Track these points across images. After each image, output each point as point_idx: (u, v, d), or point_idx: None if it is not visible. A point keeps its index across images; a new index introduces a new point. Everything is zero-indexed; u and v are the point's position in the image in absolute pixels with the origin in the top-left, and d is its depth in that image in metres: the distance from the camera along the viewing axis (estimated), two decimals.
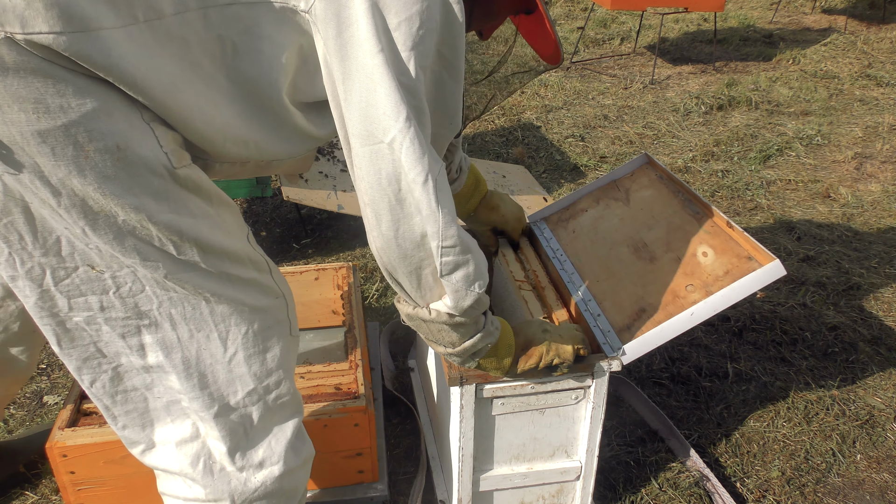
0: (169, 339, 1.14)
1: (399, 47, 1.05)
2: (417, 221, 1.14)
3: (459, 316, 1.26)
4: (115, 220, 1.01)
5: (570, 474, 1.68)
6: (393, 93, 1.04)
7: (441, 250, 1.17)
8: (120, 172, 0.98)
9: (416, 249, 1.17)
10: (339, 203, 2.83)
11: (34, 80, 0.90)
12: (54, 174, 0.95)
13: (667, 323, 1.55)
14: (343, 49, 1.04)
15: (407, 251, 1.18)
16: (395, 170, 1.09)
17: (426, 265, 1.20)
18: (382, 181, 1.10)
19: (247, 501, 1.26)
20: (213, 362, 1.17)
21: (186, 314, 1.12)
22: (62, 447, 1.56)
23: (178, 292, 1.11)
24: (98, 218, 1.00)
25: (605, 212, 1.95)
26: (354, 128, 1.08)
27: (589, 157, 3.92)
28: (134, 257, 1.04)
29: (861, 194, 3.54)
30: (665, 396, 2.26)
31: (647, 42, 5.97)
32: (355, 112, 1.06)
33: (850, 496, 1.95)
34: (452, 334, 1.31)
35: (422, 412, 2.08)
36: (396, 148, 1.07)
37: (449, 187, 1.17)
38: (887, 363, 2.41)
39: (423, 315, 1.28)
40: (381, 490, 1.75)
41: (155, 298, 1.10)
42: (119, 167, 0.98)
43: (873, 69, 5.23)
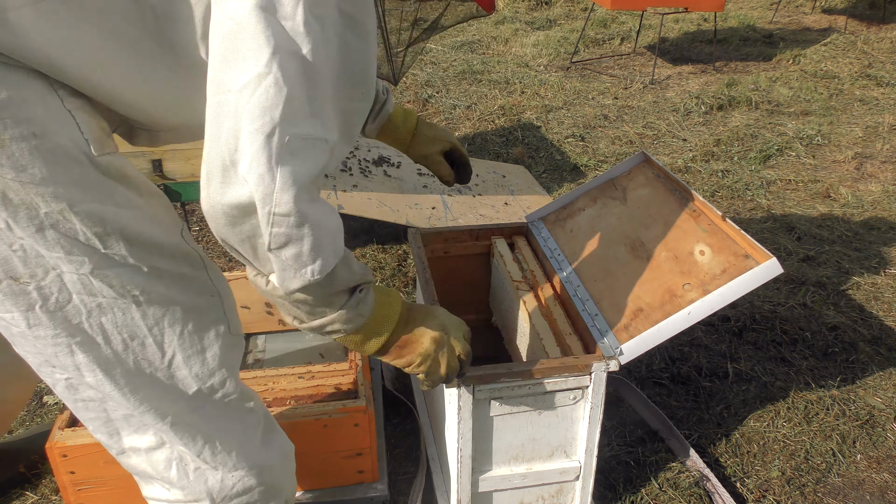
0: (104, 357, 1.08)
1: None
2: (250, 192, 0.97)
3: (296, 293, 1.08)
4: (38, 213, 0.97)
5: (570, 474, 1.68)
6: (258, 35, 0.92)
7: (272, 218, 0.98)
8: (37, 161, 0.95)
9: (244, 216, 0.99)
10: (339, 203, 2.84)
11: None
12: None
13: (664, 322, 1.55)
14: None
15: (235, 217, 0.99)
16: (236, 121, 0.94)
17: (257, 234, 1.01)
18: (222, 135, 0.95)
19: (227, 499, 1.24)
20: (153, 371, 1.12)
21: (118, 321, 1.07)
22: (62, 447, 1.56)
23: (107, 296, 1.05)
24: (19, 210, 0.96)
25: (603, 211, 1.95)
26: (211, 73, 0.97)
27: (589, 157, 3.92)
28: (58, 251, 1.00)
29: (861, 194, 3.54)
30: (665, 396, 2.26)
31: (647, 42, 5.98)
32: (216, 59, 0.95)
33: (850, 496, 1.95)
34: (295, 310, 1.14)
35: (422, 412, 2.08)
36: (246, 95, 0.93)
37: (313, 156, 0.99)
38: (887, 363, 2.41)
39: (261, 284, 1.11)
40: (381, 490, 1.75)
41: (83, 308, 1.04)
42: (36, 155, 0.95)
43: (873, 69, 5.23)
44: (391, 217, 2.88)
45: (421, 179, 3.31)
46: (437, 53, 5.58)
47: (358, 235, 3.14)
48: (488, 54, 5.68)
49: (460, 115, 4.47)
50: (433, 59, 5.48)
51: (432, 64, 5.38)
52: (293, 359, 2.14)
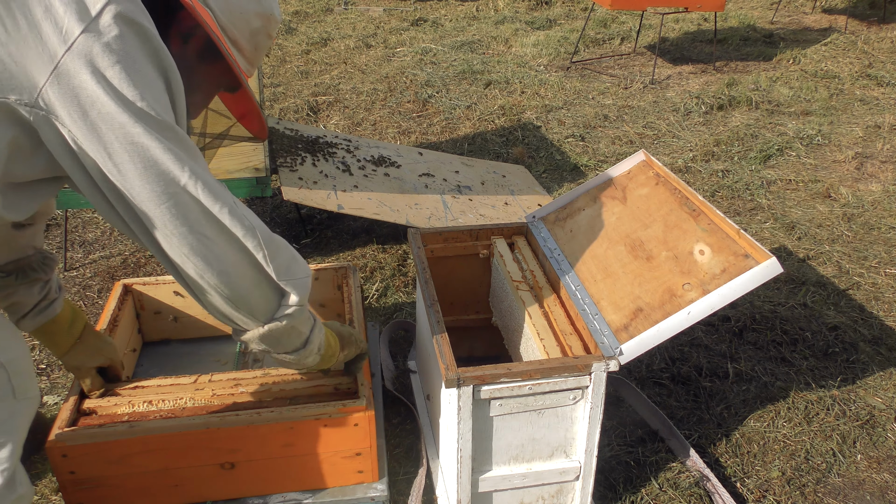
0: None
1: (149, 112, 1.08)
2: (240, 245, 1.21)
3: (305, 305, 1.33)
4: None
5: (570, 474, 1.68)
6: (165, 150, 1.10)
7: (269, 257, 1.25)
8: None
9: (247, 268, 1.24)
10: (339, 203, 2.84)
11: None
12: None
13: (664, 322, 1.55)
14: (96, 129, 1.06)
15: (242, 273, 1.23)
16: (200, 209, 1.15)
17: (263, 277, 1.26)
18: (194, 225, 1.16)
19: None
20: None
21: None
22: (62, 447, 1.56)
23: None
24: None
25: (603, 211, 1.95)
26: (142, 194, 1.11)
27: (589, 157, 3.92)
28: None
29: (861, 194, 3.54)
30: (665, 396, 2.26)
31: (647, 42, 5.97)
32: (137, 180, 1.10)
33: (851, 496, 1.95)
34: (302, 330, 1.39)
35: (421, 412, 2.08)
36: (192, 191, 1.13)
37: (244, 205, 1.24)
38: (887, 363, 2.41)
39: (276, 326, 1.32)
40: (381, 490, 1.75)
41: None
42: None
43: (874, 69, 5.22)
44: (391, 217, 2.88)
45: (421, 180, 3.32)
46: (437, 53, 5.58)
47: (358, 235, 3.14)
48: (488, 54, 5.67)
49: (460, 115, 4.47)
50: (433, 59, 5.48)
51: (432, 64, 5.38)
52: None
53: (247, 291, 1.26)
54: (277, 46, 5.75)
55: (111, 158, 1.08)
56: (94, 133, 1.06)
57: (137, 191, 1.11)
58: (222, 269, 1.21)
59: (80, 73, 1.03)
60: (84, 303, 2.70)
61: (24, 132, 1.09)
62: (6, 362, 1.24)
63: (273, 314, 1.31)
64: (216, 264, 1.20)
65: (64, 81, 1.03)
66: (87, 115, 1.05)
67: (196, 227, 1.16)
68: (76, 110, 1.05)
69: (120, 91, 1.05)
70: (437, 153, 3.70)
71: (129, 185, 1.11)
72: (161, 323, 2.17)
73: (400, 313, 2.63)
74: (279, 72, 5.21)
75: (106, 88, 1.05)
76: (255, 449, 1.64)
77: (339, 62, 5.44)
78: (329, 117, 4.47)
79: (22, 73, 1.03)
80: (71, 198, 2.65)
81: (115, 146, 1.07)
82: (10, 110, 1.05)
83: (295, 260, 1.31)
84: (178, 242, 1.17)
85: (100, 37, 1.04)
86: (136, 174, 1.10)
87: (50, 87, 1.03)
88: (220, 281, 1.22)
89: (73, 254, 3.02)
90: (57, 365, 2.37)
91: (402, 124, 4.35)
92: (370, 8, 6.85)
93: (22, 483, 1.32)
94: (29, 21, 1.02)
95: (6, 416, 1.26)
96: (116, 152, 1.08)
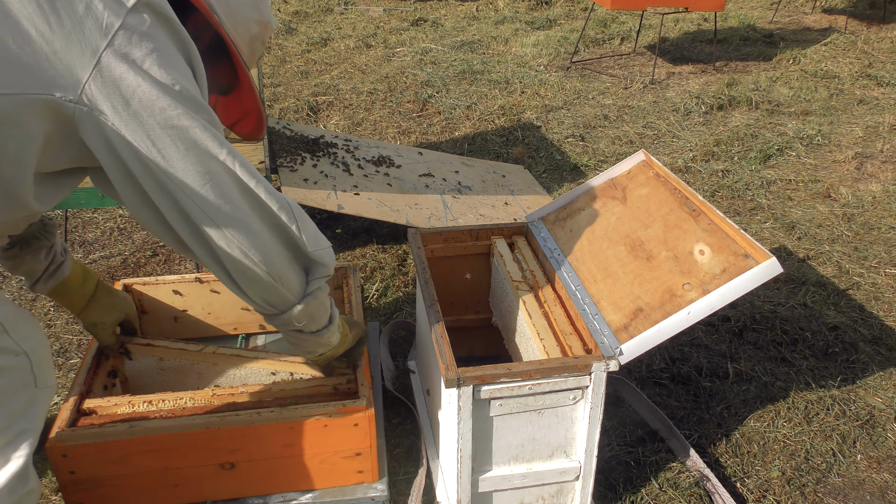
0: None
1: (186, 95, 1.13)
2: (275, 220, 1.26)
3: (330, 275, 1.39)
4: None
5: (570, 474, 1.68)
6: (204, 129, 1.15)
7: (301, 228, 1.30)
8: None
9: (283, 246, 1.29)
10: (339, 203, 2.84)
11: None
12: None
13: (664, 322, 1.55)
14: (138, 117, 1.10)
15: (279, 251, 1.28)
16: (239, 186, 1.21)
17: (293, 255, 1.32)
18: (236, 202, 1.20)
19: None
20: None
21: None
22: (62, 447, 1.56)
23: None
24: None
25: (603, 210, 1.95)
26: (186, 175, 1.15)
27: (589, 157, 3.92)
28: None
29: (861, 194, 3.54)
30: (665, 396, 2.26)
31: (647, 42, 5.98)
32: (180, 162, 1.14)
33: (851, 496, 1.95)
34: (327, 304, 1.45)
35: (421, 412, 2.08)
36: (231, 167, 1.19)
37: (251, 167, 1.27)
38: (887, 363, 2.41)
39: (311, 301, 1.37)
40: (381, 490, 1.75)
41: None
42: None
43: (874, 69, 5.23)
44: (391, 217, 2.88)
45: (421, 180, 3.32)
46: (437, 53, 5.58)
47: (358, 235, 3.14)
48: (488, 54, 5.67)
49: (460, 115, 4.47)
50: (433, 59, 5.48)
51: (432, 64, 5.38)
52: None
53: (283, 268, 1.30)
54: (277, 46, 5.75)
55: (155, 145, 1.12)
56: (137, 121, 1.10)
57: (181, 172, 1.15)
58: (263, 245, 1.25)
59: (120, 64, 1.07)
60: None
61: (59, 127, 1.11)
62: (29, 351, 1.28)
63: (304, 290, 1.36)
64: (258, 241, 1.24)
65: (106, 75, 1.07)
66: (129, 104, 1.09)
67: (238, 205, 1.21)
68: (119, 101, 1.08)
69: (157, 78, 1.10)
70: (437, 153, 3.70)
71: (173, 167, 1.14)
72: (161, 323, 2.17)
73: (400, 313, 2.63)
74: (279, 72, 5.21)
75: (144, 77, 1.09)
76: (255, 449, 1.64)
77: (339, 62, 5.44)
78: (329, 117, 4.47)
79: (66, 69, 1.06)
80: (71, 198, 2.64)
81: (157, 131, 1.11)
82: (55, 107, 1.07)
83: (318, 231, 1.37)
84: (222, 222, 1.20)
85: (135, 28, 1.08)
86: (180, 156, 1.14)
87: (93, 82, 1.07)
88: (263, 257, 1.25)
89: (73, 254, 3.02)
90: (57, 365, 2.37)
91: (402, 124, 4.35)
92: (370, 8, 6.85)
93: (34, 478, 1.34)
94: (72, 18, 1.05)
95: (28, 404, 1.28)
96: (159, 137, 1.12)
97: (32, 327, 1.31)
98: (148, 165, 1.14)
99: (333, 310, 1.50)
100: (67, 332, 2.54)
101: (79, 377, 1.74)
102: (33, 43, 1.04)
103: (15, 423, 1.26)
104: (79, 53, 1.05)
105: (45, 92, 1.05)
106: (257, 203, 1.24)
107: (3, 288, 2.79)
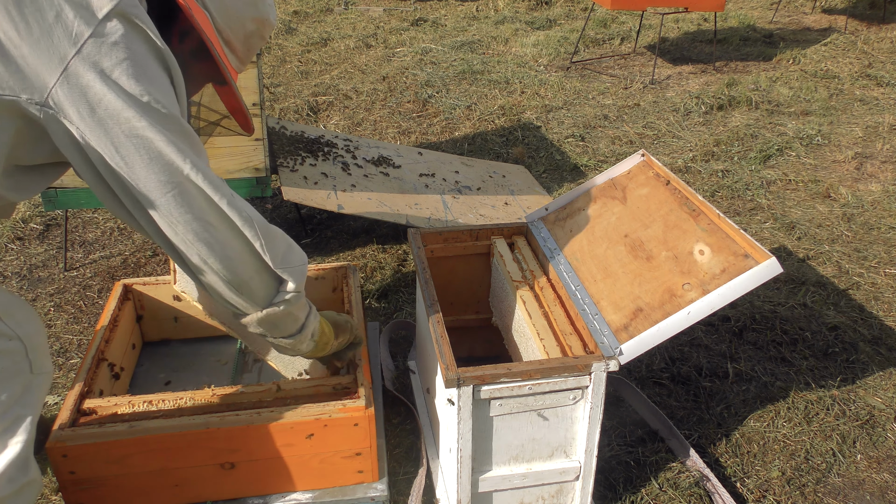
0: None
1: (153, 106, 1.14)
2: (238, 232, 1.28)
3: (302, 291, 1.41)
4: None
5: (570, 474, 1.68)
6: (168, 143, 1.15)
7: (266, 246, 1.31)
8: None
9: (248, 256, 1.30)
10: (339, 203, 2.84)
11: None
12: None
13: (664, 322, 1.55)
14: (103, 125, 1.12)
15: (243, 260, 1.30)
16: (203, 197, 1.22)
17: (259, 266, 1.33)
18: (197, 213, 1.22)
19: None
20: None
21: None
22: (62, 447, 1.56)
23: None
24: None
25: (603, 211, 1.95)
26: (148, 184, 1.17)
27: (589, 157, 3.92)
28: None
29: (861, 194, 3.54)
30: (665, 396, 2.26)
31: (647, 42, 5.98)
32: (143, 171, 1.16)
33: (851, 496, 1.95)
34: (298, 315, 1.46)
35: (421, 412, 2.08)
36: (194, 180, 1.20)
37: (243, 200, 1.31)
38: (887, 363, 2.41)
39: (274, 311, 1.38)
40: (381, 490, 1.75)
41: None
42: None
43: (873, 69, 5.23)
44: (391, 217, 2.88)
45: (421, 180, 3.32)
46: (437, 53, 5.58)
47: (358, 235, 3.14)
48: (488, 54, 5.67)
49: (460, 115, 4.47)
50: (433, 59, 5.48)
51: (432, 64, 5.38)
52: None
53: (248, 277, 1.32)
54: (277, 46, 5.75)
55: (118, 151, 1.14)
56: (102, 128, 1.12)
57: (143, 181, 1.17)
58: (225, 254, 1.27)
59: (88, 73, 1.09)
60: (84, 303, 2.70)
61: (29, 125, 1.14)
62: (24, 336, 1.30)
63: (272, 299, 1.38)
64: (219, 250, 1.27)
65: (73, 82, 1.09)
66: (95, 112, 1.11)
67: (199, 214, 1.22)
68: (85, 108, 1.10)
69: (125, 88, 1.11)
70: (437, 153, 3.70)
71: (135, 175, 1.16)
72: (161, 323, 2.17)
73: (400, 313, 2.63)
74: (279, 72, 5.21)
75: (112, 86, 1.10)
76: (255, 449, 1.64)
77: (339, 62, 5.44)
78: (329, 117, 4.47)
79: (33, 73, 1.08)
80: (71, 198, 2.65)
81: (121, 140, 1.13)
82: (20, 108, 1.10)
83: (291, 249, 1.38)
84: (182, 230, 1.23)
85: (106, 38, 1.09)
86: (142, 165, 1.15)
87: (59, 88, 1.09)
88: (222, 266, 1.28)
89: (73, 254, 3.02)
90: (57, 365, 2.37)
91: (402, 124, 4.35)
92: (370, 8, 6.85)
93: (34, 468, 1.34)
94: (41, 25, 1.07)
95: (23, 390, 1.30)
96: (123, 145, 1.14)
97: (28, 314, 1.33)
98: (113, 170, 1.16)
99: (309, 320, 1.50)
100: (67, 332, 2.54)
101: (79, 377, 1.74)
102: (2, 47, 1.06)
103: (11, 409, 1.27)
104: (46, 59, 1.07)
105: (11, 94, 1.08)
106: (221, 216, 1.25)
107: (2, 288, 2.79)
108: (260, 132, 2.72)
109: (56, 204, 2.64)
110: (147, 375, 2.08)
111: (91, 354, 1.82)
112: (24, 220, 3.21)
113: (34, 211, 3.28)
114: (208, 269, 1.28)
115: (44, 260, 2.97)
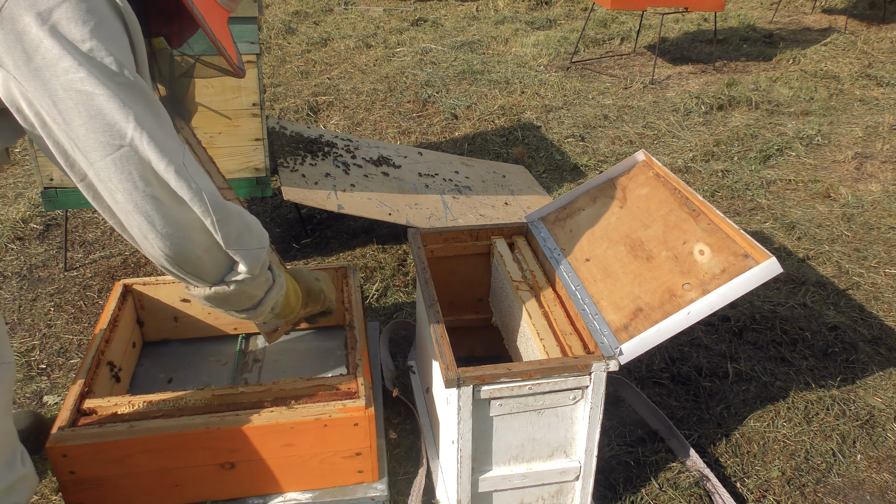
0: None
1: (96, 56, 1.03)
2: (186, 206, 1.15)
3: (257, 275, 1.30)
4: None
5: (570, 474, 1.68)
6: (110, 98, 1.04)
7: (217, 224, 1.19)
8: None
9: (198, 233, 1.18)
10: (339, 203, 2.84)
11: None
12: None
13: (664, 322, 1.55)
14: (39, 75, 1.02)
15: (191, 237, 1.18)
16: (144, 167, 1.09)
17: (211, 243, 1.21)
18: (138, 183, 1.10)
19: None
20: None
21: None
22: (62, 447, 1.56)
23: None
24: None
25: (602, 211, 1.95)
26: (87, 144, 1.06)
27: (589, 157, 3.92)
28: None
29: (861, 194, 3.54)
30: (665, 396, 2.26)
31: (647, 42, 5.97)
32: (81, 129, 1.05)
33: (851, 496, 1.95)
34: (254, 294, 1.35)
35: (422, 412, 2.08)
36: (138, 145, 1.07)
37: (198, 165, 1.17)
38: (887, 363, 2.41)
39: (223, 290, 1.28)
40: (381, 490, 1.75)
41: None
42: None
43: (873, 69, 5.23)
44: (391, 217, 2.88)
45: (421, 180, 3.32)
46: (437, 53, 5.58)
47: (358, 235, 3.14)
48: (488, 54, 5.67)
49: (460, 115, 4.47)
50: (433, 59, 5.48)
51: (432, 64, 5.38)
52: (292, 358, 2.14)
53: (195, 255, 1.21)
54: (277, 46, 5.75)
55: (56, 106, 1.04)
56: (39, 79, 1.02)
57: (83, 141, 1.06)
58: (168, 231, 1.15)
59: (24, 16, 1.00)
60: (84, 303, 2.70)
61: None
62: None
63: (223, 277, 1.28)
64: (161, 225, 1.14)
65: (8, 27, 1.00)
66: (32, 60, 1.01)
67: (141, 185, 1.10)
68: (20, 56, 1.01)
69: (63, 34, 1.01)
70: (437, 153, 3.70)
71: (74, 134, 1.06)
72: (161, 323, 2.17)
73: (400, 313, 2.63)
74: (279, 72, 5.21)
75: (50, 31, 1.00)
76: (255, 449, 1.64)
77: (339, 62, 5.44)
78: (329, 117, 4.47)
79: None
80: (71, 198, 2.65)
81: (59, 94, 1.03)
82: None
83: (248, 229, 1.27)
84: (122, 198, 1.11)
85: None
86: (81, 122, 1.05)
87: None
88: (163, 243, 1.16)
89: (73, 254, 3.02)
90: (57, 365, 2.37)
91: (402, 124, 4.35)
92: (370, 8, 6.85)
93: (24, 463, 1.31)
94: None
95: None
96: (61, 100, 1.03)
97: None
98: (50, 126, 1.07)
99: (269, 296, 1.40)
100: (67, 332, 2.54)
101: (79, 377, 1.74)
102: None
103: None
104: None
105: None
106: (166, 188, 1.13)
107: (2, 288, 2.79)
108: (260, 132, 2.72)
109: (56, 204, 2.64)
110: (147, 375, 2.08)
111: (91, 354, 1.82)
112: (24, 220, 3.21)
113: (34, 211, 3.28)
114: (148, 243, 1.17)
115: (44, 260, 2.97)
